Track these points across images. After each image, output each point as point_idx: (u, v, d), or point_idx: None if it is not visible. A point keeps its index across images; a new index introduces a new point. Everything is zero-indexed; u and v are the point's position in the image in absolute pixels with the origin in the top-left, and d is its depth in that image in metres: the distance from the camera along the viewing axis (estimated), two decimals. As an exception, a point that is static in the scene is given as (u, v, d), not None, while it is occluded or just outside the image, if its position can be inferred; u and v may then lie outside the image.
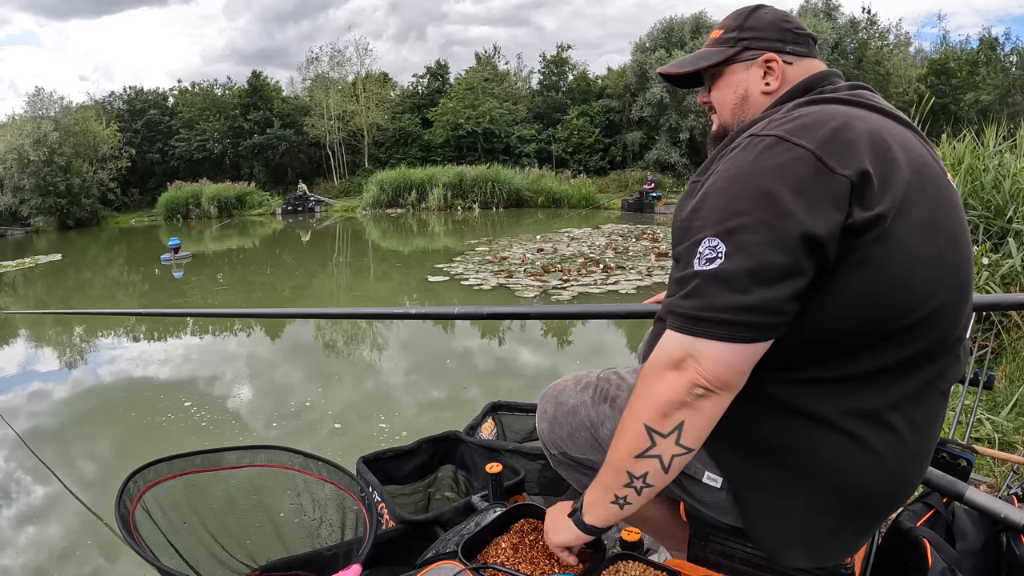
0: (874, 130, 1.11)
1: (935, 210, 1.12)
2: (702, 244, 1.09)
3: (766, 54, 1.34)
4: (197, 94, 41.04)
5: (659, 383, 1.12)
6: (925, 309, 1.10)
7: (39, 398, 6.96)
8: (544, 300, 10.33)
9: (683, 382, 1.09)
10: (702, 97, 1.47)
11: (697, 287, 1.09)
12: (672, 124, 35.59)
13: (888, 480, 1.19)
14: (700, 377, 1.08)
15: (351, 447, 4.85)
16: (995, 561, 1.48)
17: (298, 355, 8.56)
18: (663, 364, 1.12)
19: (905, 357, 1.12)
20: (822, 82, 1.30)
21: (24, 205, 31.66)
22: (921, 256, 1.09)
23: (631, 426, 1.15)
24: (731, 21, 1.40)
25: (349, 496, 1.77)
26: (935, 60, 38.10)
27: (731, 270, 1.06)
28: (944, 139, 6.82)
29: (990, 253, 5.08)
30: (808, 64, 1.35)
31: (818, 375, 1.14)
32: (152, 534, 1.53)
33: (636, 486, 1.18)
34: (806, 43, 1.36)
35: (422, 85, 44.10)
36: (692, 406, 1.10)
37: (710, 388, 1.08)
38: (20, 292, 15.62)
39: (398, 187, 31.06)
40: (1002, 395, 3.85)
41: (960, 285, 1.16)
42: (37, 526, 4.30)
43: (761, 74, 1.35)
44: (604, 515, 1.25)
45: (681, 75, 1.48)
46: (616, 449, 1.19)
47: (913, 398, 1.16)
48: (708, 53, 1.41)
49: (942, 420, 1.26)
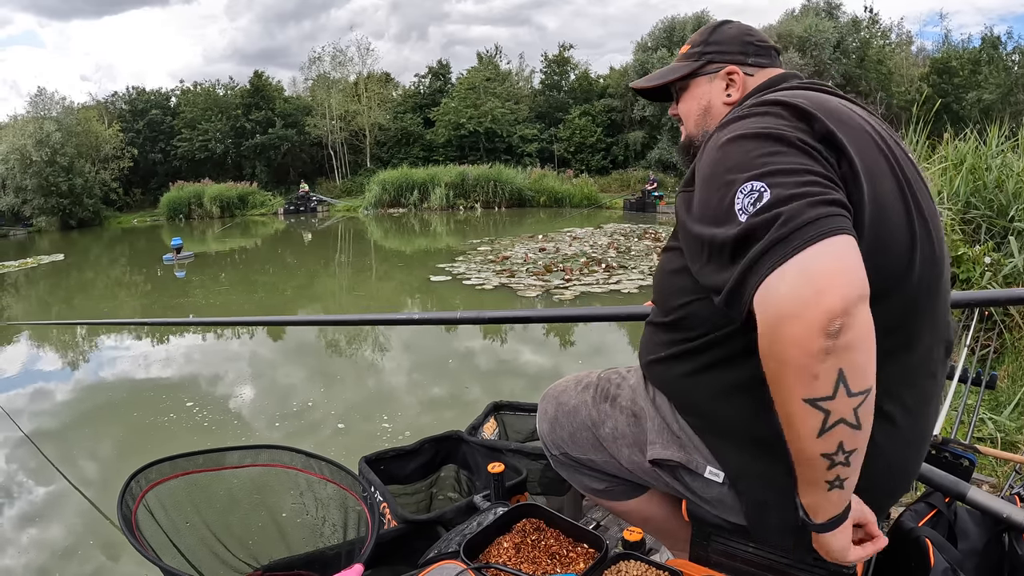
0: (833, 105, 1.14)
1: (906, 181, 1.11)
2: (737, 200, 1.00)
3: (728, 67, 1.40)
4: (199, 94, 41.04)
5: (784, 343, 0.92)
6: (897, 280, 1.08)
7: (42, 398, 6.97)
8: (546, 300, 10.34)
9: (810, 324, 0.89)
10: (672, 110, 1.55)
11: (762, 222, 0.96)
12: (674, 124, 34.74)
13: (886, 468, 1.18)
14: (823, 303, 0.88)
15: (353, 447, 4.86)
16: (997, 561, 1.48)
17: (300, 355, 8.56)
18: (774, 321, 0.93)
19: (887, 335, 1.04)
20: (779, 83, 1.33)
21: (26, 205, 31.66)
22: (896, 224, 1.07)
23: (792, 410, 0.97)
24: (697, 37, 1.48)
25: (351, 496, 1.77)
26: (937, 59, 37.98)
27: (781, 192, 0.96)
28: (946, 138, 6.81)
29: (992, 252, 5.07)
30: (769, 73, 1.39)
31: None
32: (155, 533, 1.53)
33: (840, 460, 0.99)
34: (768, 55, 1.42)
35: (424, 85, 44.10)
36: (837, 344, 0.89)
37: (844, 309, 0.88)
38: (23, 292, 15.64)
39: (400, 187, 31.04)
40: (1004, 395, 3.85)
41: (936, 258, 1.14)
42: (39, 526, 4.30)
43: (723, 86, 1.41)
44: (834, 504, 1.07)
45: (652, 89, 1.55)
46: (793, 440, 1.01)
47: (902, 381, 1.15)
48: (675, 67, 1.48)
49: (936, 405, 1.25)
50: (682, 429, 1.35)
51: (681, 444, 1.35)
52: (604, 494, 1.62)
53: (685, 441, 1.34)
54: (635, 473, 1.49)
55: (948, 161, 6.27)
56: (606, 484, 1.59)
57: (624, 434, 1.46)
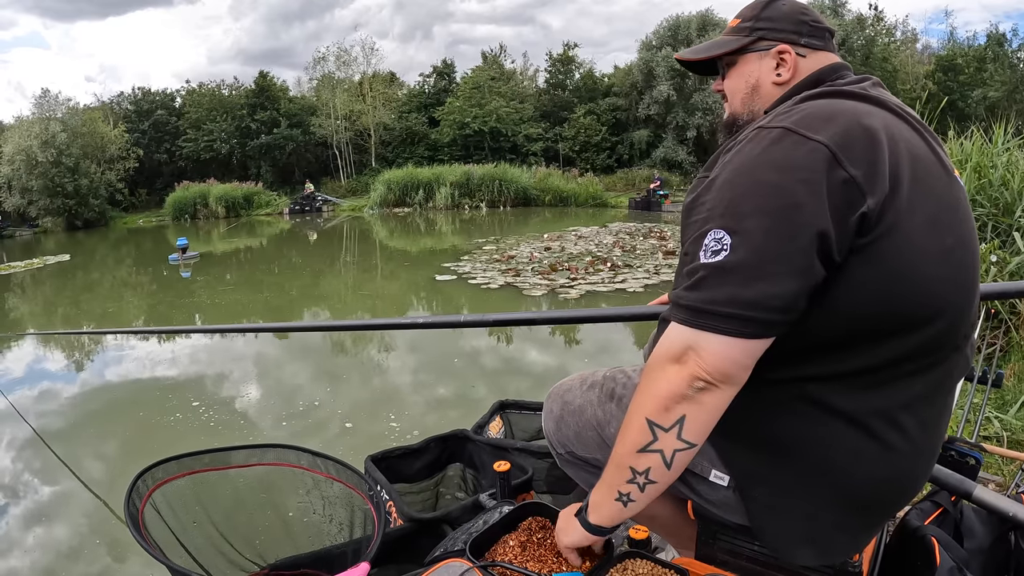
0: (881, 127, 1.11)
1: (941, 208, 1.11)
2: (708, 236, 1.10)
3: (780, 45, 1.34)
4: (204, 95, 41.09)
5: (661, 376, 1.12)
6: (933, 307, 1.10)
7: (48, 398, 6.98)
8: (552, 299, 10.33)
9: (684, 375, 1.09)
10: (716, 85, 1.48)
11: (701, 279, 1.09)
12: (679, 122, 35.51)
13: (896, 478, 1.18)
14: (700, 370, 1.08)
15: (360, 446, 4.86)
16: (1004, 560, 1.48)
17: (306, 355, 8.57)
18: (665, 357, 1.12)
19: (914, 355, 1.12)
20: (832, 75, 1.29)
21: (32, 206, 31.75)
22: (928, 254, 1.08)
23: (634, 420, 1.15)
24: (748, 11, 1.41)
25: (357, 494, 1.77)
26: (942, 57, 37.85)
27: (735, 263, 1.06)
28: (951, 136, 6.79)
29: (998, 250, 5.06)
30: (822, 57, 1.34)
31: (826, 371, 1.13)
32: (162, 532, 1.53)
33: (639, 482, 1.17)
34: (822, 36, 1.35)
35: (428, 84, 44.11)
36: (693, 399, 1.09)
37: (711, 381, 1.08)
38: (29, 293, 15.68)
39: (405, 186, 31.05)
40: (1011, 393, 3.84)
41: (967, 284, 1.15)
42: (44, 526, 4.31)
43: (774, 65, 1.35)
44: (609, 514, 1.25)
45: (697, 61, 1.49)
46: (619, 444, 1.19)
47: (922, 397, 1.16)
48: (723, 41, 1.42)
49: (948, 418, 1.26)
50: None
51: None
52: (609, 493, 1.62)
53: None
54: (640, 472, 1.49)
55: (953, 159, 6.25)
56: (611, 483, 1.59)
57: (629, 434, 1.46)
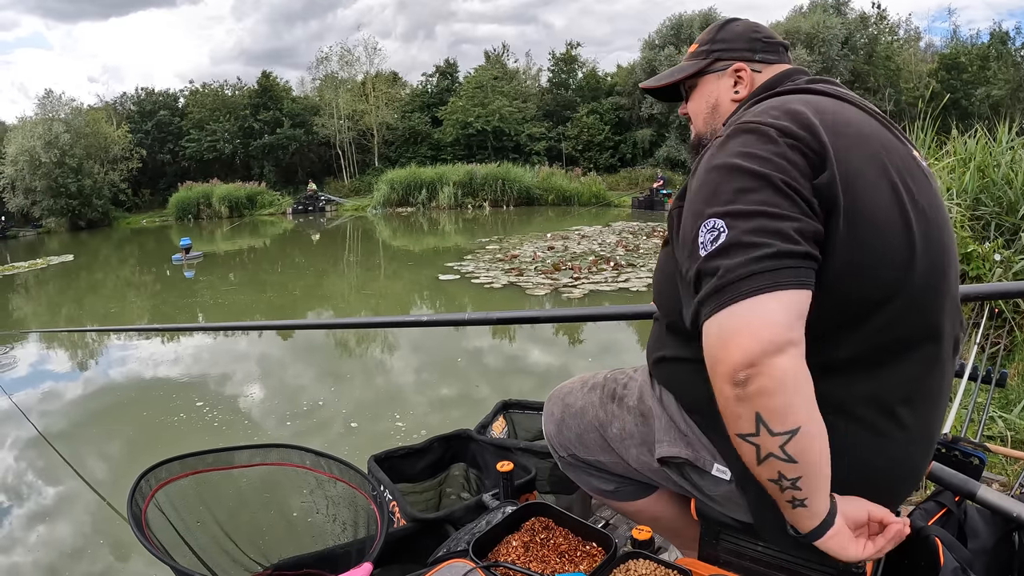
0: (830, 110, 1.15)
1: (903, 188, 1.12)
2: (700, 233, 1.08)
3: (735, 63, 1.39)
4: (207, 95, 41.13)
5: (714, 385, 1.05)
6: (900, 286, 1.10)
7: (52, 398, 7.00)
8: (555, 298, 10.33)
9: (721, 374, 1.01)
10: (681, 109, 1.55)
11: (710, 268, 1.05)
12: (682, 121, 34.54)
13: (890, 467, 1.18)
14: (730, 357, 0.99)
15: (363, 446, 4.87)
16: (1007, 560, 1.48)
17: (309, 355, 8.58)
18: (713, 361, 1.04)
19: (893, 337, 1.12)
20: (785, 80, 1.33)
21: (36, 206, 31.82)
22: (890, 230, 1.09)
23: (735, 441, 1.07)
24: (705, 35, 1.48)
25: (361, 494, 1.78)
26: (945, 55, 37.73)
27: (735, 235, 1.04)
28: (955, 134, 6.77)
29: (1002, 249, 5.04)
30: (776, 69, 1.39)
31: (817, 360, 1.12)
32: (165, 532, 1.53)
33: (787, 485, 1.05)
34: (776, 51, 1.41)
35: (431, 84, 44.11)
36: (749, 392, 0.99)
37: (747, 362, 0.97)
38: (33, 293, 15.72)
39: (408, 186, 31.09)
40: (1015, 392, 3.83)
41: (940, 266, 1.15)
42: (48, 525, 4.32)
43: (731, 83, 1.40)
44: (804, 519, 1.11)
45: (661, 88, 1.55)
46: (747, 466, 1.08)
47: (910, 383, 1.16)
48: (683, 66, 1.49)
49: (943, 407, 1.25)
50: (689, 427, 1.35)
51: (688, 442, 1.35)
52: (612, 495, 1.61)
53: (692, 439, 1.34)
54: (643, 473, 1.48)
55: (956, 157, 6.24)
56: (614, 485, 1.59)
57: (632, 434, 1.46)
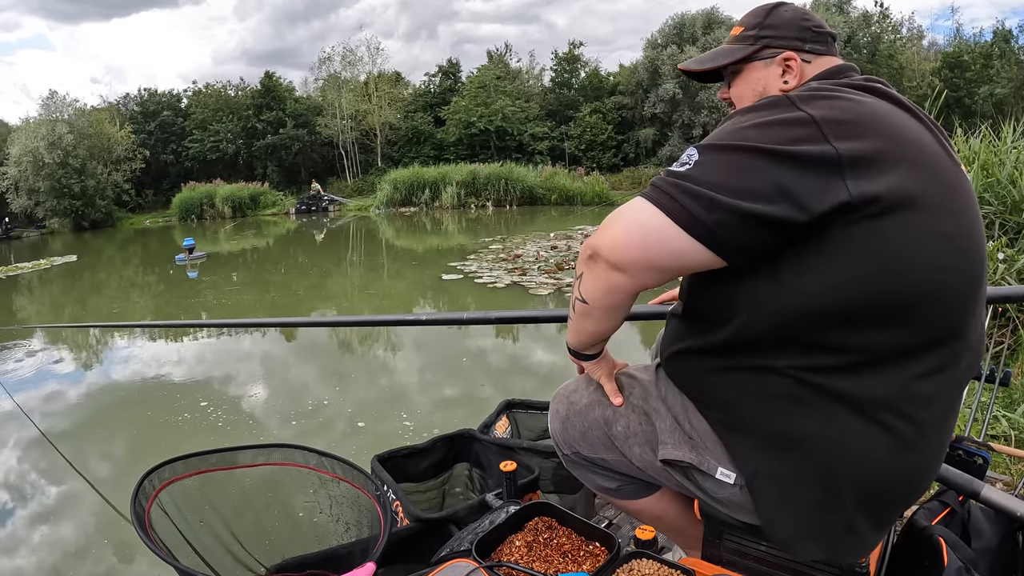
0: (881, 113, 1.12)
1: (942, 196, 1.10)
2: (683, 154, 1.15)
3: (785, 52, 1.34)
4: (210, 95, 41.23)
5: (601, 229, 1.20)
6: (929, 292, 1.08)
7: (55, 398, 7.01)
8: (558, 297, 10.32)
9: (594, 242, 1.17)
10: (722, 93, 1.49)
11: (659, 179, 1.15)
12: (685, 120, 35.43)
13: (903, 472, 1.18)
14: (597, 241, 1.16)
15: (366, 446, 4.87)
16: (1011, 560, 1.48)
17: (313, 355, 8.59)
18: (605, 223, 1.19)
19: (915, 342, 1.11)
20: (837, 75, 1.29)
21: (39, 207, 31.92)
22: (924, 237, 1.07)
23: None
24: (751, 19, 1.41)
25: (364, 494, 1.78)
26: (949, 53, 37.64)
27: (695, 173, 1.10)
28: (959, 133, 6.76)
29: (1006, 248, 5.03)
30: (826, 61, 1.35)
31: (830, 362, 1.12)
32: (168, 532, 1.54)
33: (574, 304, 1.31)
34: (825, 41, 1.36)
35: (434, 84, 44.15)
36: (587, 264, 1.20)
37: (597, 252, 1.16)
38: (36, 293, 15.75)
39: (411, 186, 31.09)
40: (1019, 392, 3.82)
41: (971, 275, 1.14)
42: (51, 525, 4.32)
43: (780, 72, 1.35)
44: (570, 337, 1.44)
45: (701, 72, 1.49)
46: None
47: (926, 388, 1.14)
48: (728, 51, 1.42)
49: (957, 414, 1.25)
50: (694, 428, 1.34)
51: (692, 445, 1.34)
52: (616, 493, 1.61)
53: (697, 441, 1.33)
54: (647, 472, 1.48)
55: (960, 155, 6.22)
56: (618, 483, 1.58)
57: (636, 432, 1.45)
